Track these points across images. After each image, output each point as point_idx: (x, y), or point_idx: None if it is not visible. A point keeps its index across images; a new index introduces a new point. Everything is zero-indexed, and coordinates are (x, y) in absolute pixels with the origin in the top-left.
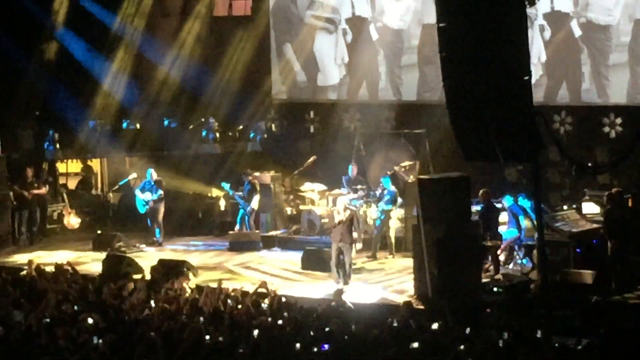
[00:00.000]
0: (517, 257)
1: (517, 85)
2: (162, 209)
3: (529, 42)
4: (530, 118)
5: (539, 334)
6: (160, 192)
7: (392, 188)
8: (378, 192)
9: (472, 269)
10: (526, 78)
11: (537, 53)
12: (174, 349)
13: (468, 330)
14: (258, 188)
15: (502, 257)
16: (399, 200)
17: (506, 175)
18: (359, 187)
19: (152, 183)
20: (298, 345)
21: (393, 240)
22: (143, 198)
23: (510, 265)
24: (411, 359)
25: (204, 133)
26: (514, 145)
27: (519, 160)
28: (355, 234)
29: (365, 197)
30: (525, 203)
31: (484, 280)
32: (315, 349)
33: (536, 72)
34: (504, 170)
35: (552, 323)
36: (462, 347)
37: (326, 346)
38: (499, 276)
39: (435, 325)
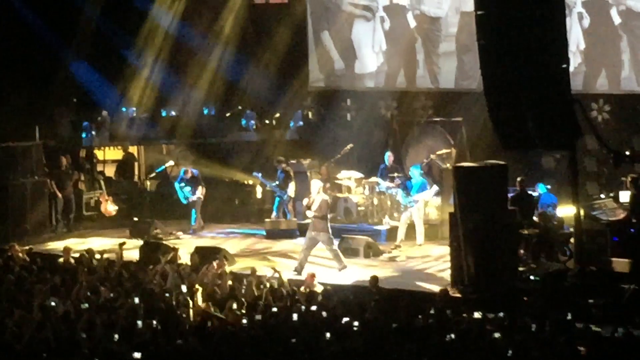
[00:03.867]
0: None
1: (555, 73)
2: (199, 206)
3: (567, 30)
4: (568, 106)
5: (576, 323)
6: (198, 193)
7: (421, 177)
8: (400, 181)
9: (509, 257)
10: (564, 66)
11: (576, 41)
12: (209, 335)
13: (505, 318)
14: (292, 175)
15: None
16: (435, 188)
17: (543, 163)
18: (395, 175)
19: (187, 179)
20: (328, 334)
21: (422, 229)
22: (184, 193)
23: None
24: (447, 347)
25: (243, 122)
26: (552, 133)
27: (556, 149)
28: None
29: (400, 186)
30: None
31: (520, 268)
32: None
33: (574, 60)
34: (542, 158)
35: (589, 312)
36: (498, 335)
37: None
38: (535, 265)
39: (474, 314)
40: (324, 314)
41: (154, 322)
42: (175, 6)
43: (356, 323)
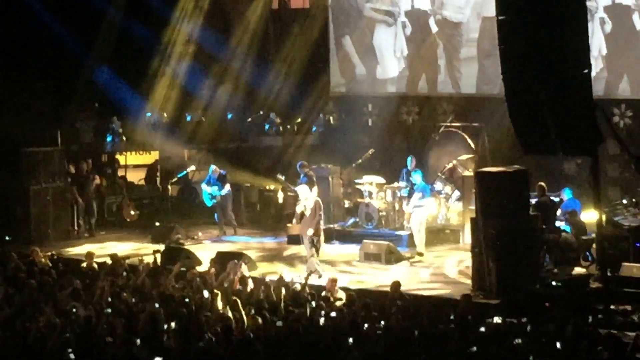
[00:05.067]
0: None
1: (576, 78)
2: (230, 202)
3: (589, 35)
4: (590, 111)
5: (597, 329)
6: (227, 188)
7: (423, 182)
8: (407, 188)
9: (531, 263)
10: (586, 71)
11: (598, 46)
12: (230, 341)
13: (527, 324)
14: (315, 180)
15: None
16: (430, 195)
17: (565, 168)
18: None
19: (215, 178)
20: (350, 340)
21: (423, 236)
22: (210, 192)
23: None
24: (469, 353)
25: (266, 126)
26: (573, 138)
27: (578, 154)
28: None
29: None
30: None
31: (542, 274)
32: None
33: (596, 65)
34: (563, 163)
35: (611, 317)
36: (519, 341)
37: None
38: (557, 270)
39: (494, 319)
40: (346, 319)
41: (175, 326)
42: (197, 11)
43: (378, 327)
